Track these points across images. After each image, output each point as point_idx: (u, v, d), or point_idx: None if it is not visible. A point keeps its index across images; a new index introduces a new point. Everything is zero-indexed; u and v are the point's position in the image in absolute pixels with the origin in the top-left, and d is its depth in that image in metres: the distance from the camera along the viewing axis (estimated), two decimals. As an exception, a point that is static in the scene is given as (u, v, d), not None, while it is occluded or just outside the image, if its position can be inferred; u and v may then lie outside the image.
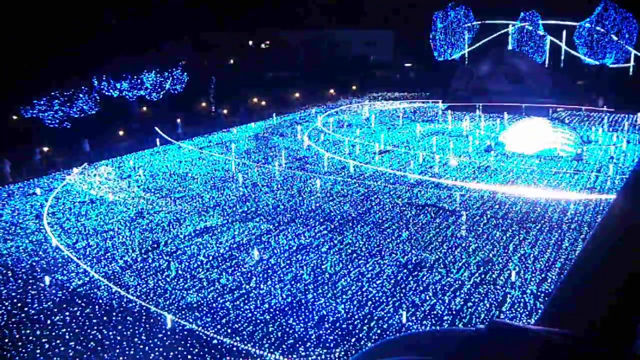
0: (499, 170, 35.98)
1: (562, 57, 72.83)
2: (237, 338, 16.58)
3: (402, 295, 19.06)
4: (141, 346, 16.17)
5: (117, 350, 15.95)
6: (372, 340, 16.49)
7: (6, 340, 16.55)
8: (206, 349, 16.07)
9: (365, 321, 17.44)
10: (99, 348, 16.06)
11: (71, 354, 15.83)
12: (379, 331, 16.92)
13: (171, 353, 15.88)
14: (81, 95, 44.50)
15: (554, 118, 51.72)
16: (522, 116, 51.61)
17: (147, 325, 17.30)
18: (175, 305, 18.56)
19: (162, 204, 29.25)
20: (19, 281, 20.48)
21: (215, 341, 16.42)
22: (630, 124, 51.20)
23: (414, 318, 17.66)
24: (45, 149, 39.32)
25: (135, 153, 41.08)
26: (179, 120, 49.00)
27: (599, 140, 44.50)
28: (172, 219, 26.99)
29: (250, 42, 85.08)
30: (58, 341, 16.44)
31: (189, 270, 21.26)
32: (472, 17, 75.19)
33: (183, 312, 18.10)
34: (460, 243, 23.55)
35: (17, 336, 16.75)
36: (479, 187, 31.96)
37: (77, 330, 17.01)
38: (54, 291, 19.67)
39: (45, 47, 46.36)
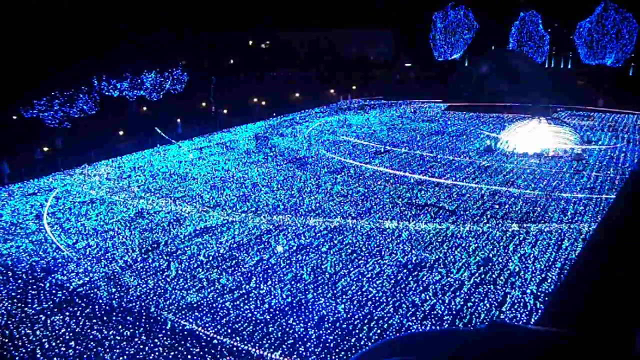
0: (499, 170, 35.96)
1: (562, 57, 72.79)
2: (237, 338, 16.58)
3: (402, 295, 19.06)
4: (141, 346, 16.17)
5: (117, 350, 15.95)
6: (372, 340, 16.48)
7: (6, 340, 16.55)
8: (206, 349, 16.07)
9: (365, 321, 17.44)
10: (99, 348, 16.06)
11: (71, 354, 15.83)
12: (379, 331, 16.91)
13: (171, 353, 15.87)
14: (81, 95, 44.48)
15: (554, 118, 51.65)
16: (522, 116, 51.52)
17: (147, 325, 17.30)
18: (175, 305, 18.57)
19: (162, 204, 29.24)
20: (19, 281, 20.48)
21: (215, 341, 16.42)
22: (631, 124, 51.16)
23: (414, 318, 17.66)
24: (45, 148, 39.30)
25: (135, 153, 41.07)
26: (179, 120, 48.97)
27: (599, 141, 44.48)
28: (172, 219, 27.00)
29: (250, 42, 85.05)
30: (58, 341, 16.44)
31: (189, 270, 21.27)
32: (472, 17, 75.09)
33: (183, 312, 18.10)
34: (460, 243, 23.56)
35: (17, 336, 16.75)
36: (479, 187, 31.96)
37: (77, 330, 17.01)
38: (54, 291, 19.67)
39: (45, 48, 46.32)
